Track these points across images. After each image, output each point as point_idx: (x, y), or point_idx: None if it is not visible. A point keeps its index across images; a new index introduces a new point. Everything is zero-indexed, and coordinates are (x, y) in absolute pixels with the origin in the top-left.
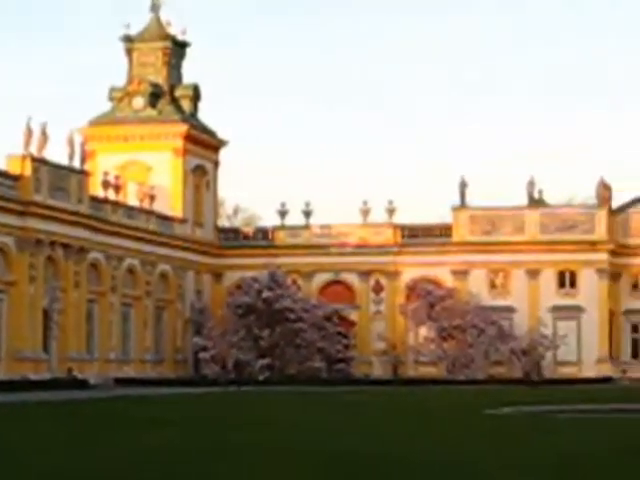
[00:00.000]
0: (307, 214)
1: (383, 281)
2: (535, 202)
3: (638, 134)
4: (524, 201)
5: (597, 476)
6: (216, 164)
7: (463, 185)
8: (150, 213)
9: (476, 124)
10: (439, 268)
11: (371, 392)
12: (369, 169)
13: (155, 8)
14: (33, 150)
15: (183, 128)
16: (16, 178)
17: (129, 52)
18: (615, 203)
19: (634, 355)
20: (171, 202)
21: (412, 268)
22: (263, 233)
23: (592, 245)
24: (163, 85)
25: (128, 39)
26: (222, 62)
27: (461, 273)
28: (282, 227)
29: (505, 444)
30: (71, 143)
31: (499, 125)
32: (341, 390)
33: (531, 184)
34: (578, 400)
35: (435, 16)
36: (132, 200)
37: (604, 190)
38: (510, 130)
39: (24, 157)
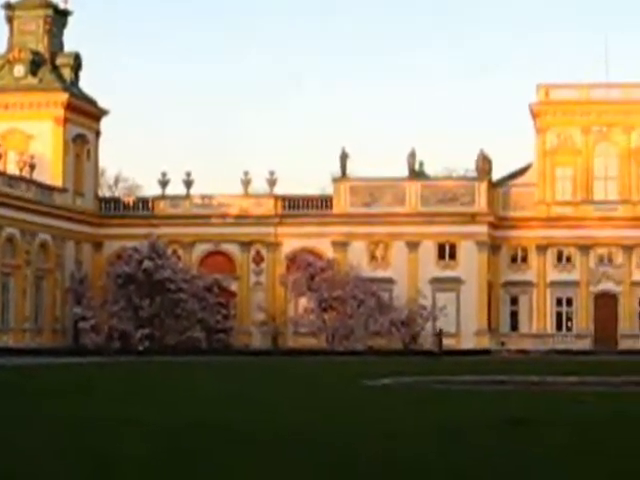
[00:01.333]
0: (188, 184)
1: (263, 252)
2: (415, 174)
3: (514, 107)
4: (405, 173)
5: (472, 446)
6: (97, 133)
7: (344, 156)
8: (30, 182)
9: (357, 95)
10: (319, 239)
11: (249, 362)
12: (250, 139)
13: None
14: None
15: (64, 97)
16: None
17: (9, 20)
18: (495, 176)
19: (513, 327)
20: (51, 171)
21: (292, 239)
22: (144, 203)
23: (472, 217)
24: (44, 53)
25: (8, 7)
26: (103, 31)
27: (341, 244)
28: (163, 197)
29: (381, 414)
30: None
31: (380, 96)
32: (219, 360)
33: (412, 156)
34: (457, 371)
35: None
36: (12, 169)
37: (484, 163)
38: (391, 102)
39: None
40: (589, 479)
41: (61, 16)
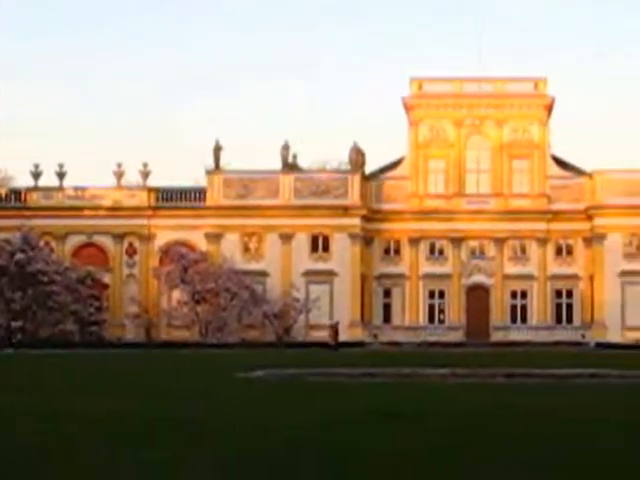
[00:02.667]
0: (61, 176)
1: (137, 244)
2: (289, 167)
3: (388, 101)
4: (278, 166)
5: (344, 438)
6: None
7: (217, 149)
8: None
9: (231, 88)
10: (193, 232)
11: (122, 355)
12: (124, 132)
13: None
14: None
15: None
16: None
17: None
18: (369, 168)
19: (385, 319)
20: None
21: (166, 231)
22: (16, 194)
23: (345, 210)
24: None
25: None
26: None
27: (215, 237)
28: (35, 188)
29: (252, 406)
30: None
31: (253, 89)
32: (92, 353)
33: (285, 148)
34: (331, 363)
35: None
36: None
37: (357, 155)
38: (264, 95)
39: None
40: (461, 470)
41: None
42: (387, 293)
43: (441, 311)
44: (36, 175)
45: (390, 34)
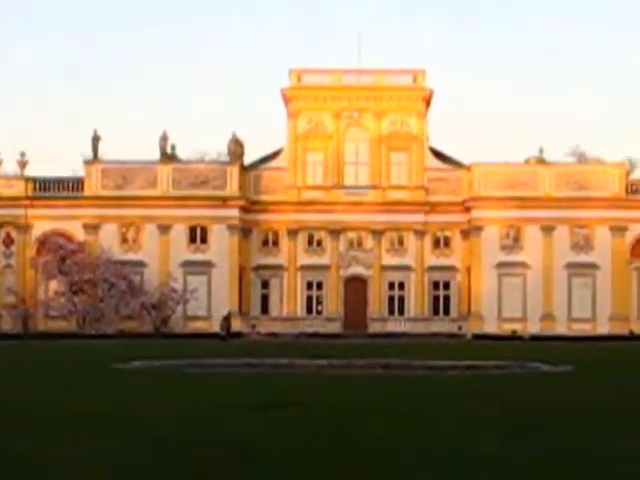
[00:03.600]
0: None
1: (14, 234)
2: (167, 157)
3: (268, 92)
4: (157, 156)
5: (217, 429)
6: None
7: (96, 139)
8: None
9: (110, 78)
10: (71, 222)
11: None
12: (1, 121)
13: None
14: None
15: None
16: None
17: None
18: (248, 159)
19: (264, 310)
20: None
21: (44, 221)
22: None
23: (223, 201)
24: None
25: None
26: None
27: (93, 227)
28: None
29: (127, 397)
30: None
31: (132, 79)
32: None
33: (164, 139)
34: (207, 354)
35: None
36: None
37: (236, 146)
38: (143, 85)
39: None
40: (333, 460)
41: None
42: (265, 284)
43: (319, 302)
44: None
45: (271, 25)
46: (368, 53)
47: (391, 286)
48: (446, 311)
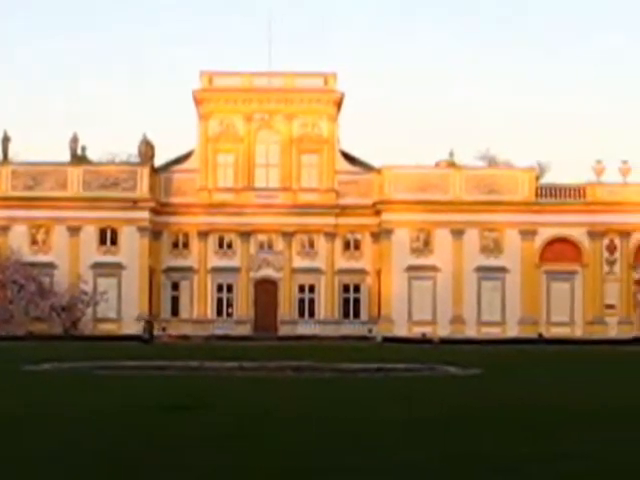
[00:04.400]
0: None
1: None
2: (78, 159)
3: (180, 94)
4: (68, 158)
5: (127, 430)
6: None
7: (6, 140)
8: None
9: (19, 77)
10: None
11: None
12: None
13: None
14: None
15: None
16: None
17: None
18: (159, 161)
19: (174, 313)
20: None
21: None
22: None
23: (134, 203)
24: None
25: None
26: None
27: (2, 228)
28: None
29: (38, 399)
30: None
31: (43, 82)
32: None
33: (74, 141)
34: (117, 356)
35: None
36: None
37: (147, 148)
38: (54, 87)
39: None
40: (249, 462)
41: None
42: (175, 286)
43: (229, 305)
44: None
45: (183, 27)
46: (280, 56)
47: (301, 289)
48: (356, 314)
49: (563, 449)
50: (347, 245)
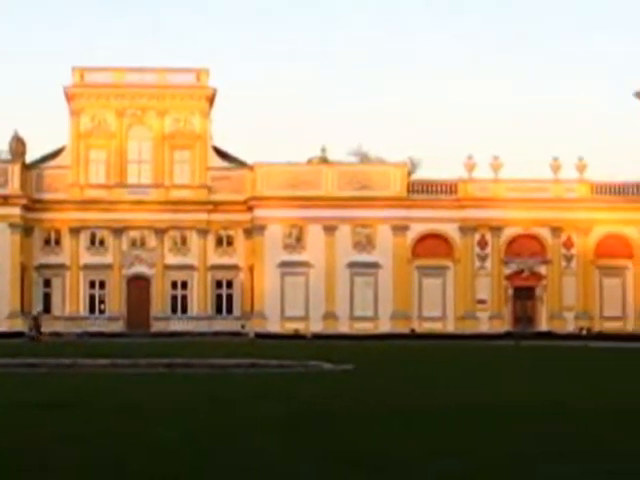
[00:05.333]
0: None
1: None
2: None
3: (51, 89)
4: None
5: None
6: None
7: None
8: None
9: None
10: None
11: None
12: None
13: None
14: None
15: None
16: None
17: None
18: (31, 157)
19: (46, 310)
20: None
21: None
22: None
23: (5, 199)
24: None
25: None
26: None
27: None
28: None
29: None
30: None
31: None
32: None
33: None
34: None
35: None
36: None
37: (18, 144)
38: None
39: None
40: (128, 460)
41: None
42: (47, 283)
43: (102, 301)
44: None
45: (53, 21)
46: (156, 53)
47: (174, 285)
48: (229, 310)
49: (436, 445)
50: (220, 241)
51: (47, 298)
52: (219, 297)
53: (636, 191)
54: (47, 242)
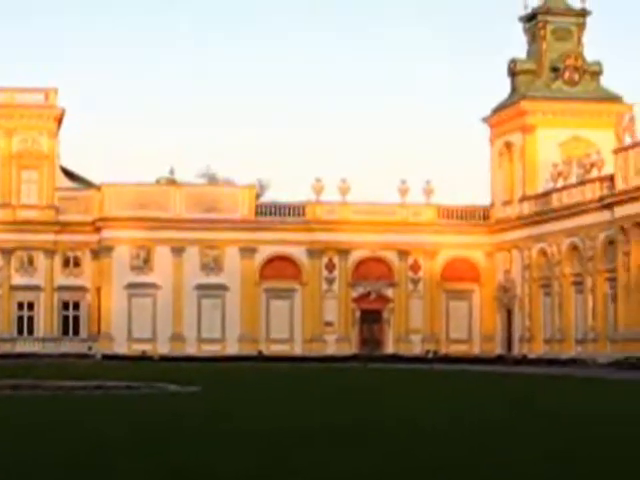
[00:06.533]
0: None
1: None
2: None
3: None
4: None
5: None
6: None
7: None
8: None
9: None
10: None
11: None
12: None
13: None
14: None
15: None
16: None
17: None
18: None
19: None
20: None
21: None
22: None
23: None
24: None
25: None
26: None
27: None
28: None
29: None
30: None
31: None
32: None
33: None
34: None
35: None
36: None
37: None
38: None
39: None
40: None
41: None
42: None
43: None
44: None
45: None
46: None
47: (20, 306)
48: (76, 331)
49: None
50: (67, 262)
51: None
52: (66, 318)
53: (482, 215)
54: None
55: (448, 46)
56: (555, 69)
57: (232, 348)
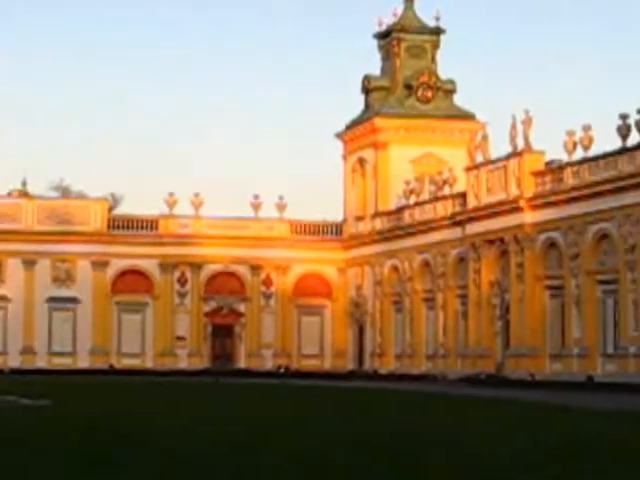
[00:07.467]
0: None
1: None
2: None
3: None
4: None
5: None
6: None
7: None
8: None
9: None
10: None
11: None
12: None
13: None
14: None
15: None
16: None
17: None
18: None
19: None
20: None
21: None
22: None
23: None
24: None
25: None
26: None
27: None
28: None
29: None
30: None
31: None
32: None
33: None
34: None
35: None
36: None
37: None
38: None
39: None
40: None
41: None
42: None
43: None
44: None
45: None
46: None
47: None
48: None
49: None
50: None
51: None
52: None
53: (335, 231)
54: None
55: (303, 60)
56: (409, 86)
57: (83, 361)
